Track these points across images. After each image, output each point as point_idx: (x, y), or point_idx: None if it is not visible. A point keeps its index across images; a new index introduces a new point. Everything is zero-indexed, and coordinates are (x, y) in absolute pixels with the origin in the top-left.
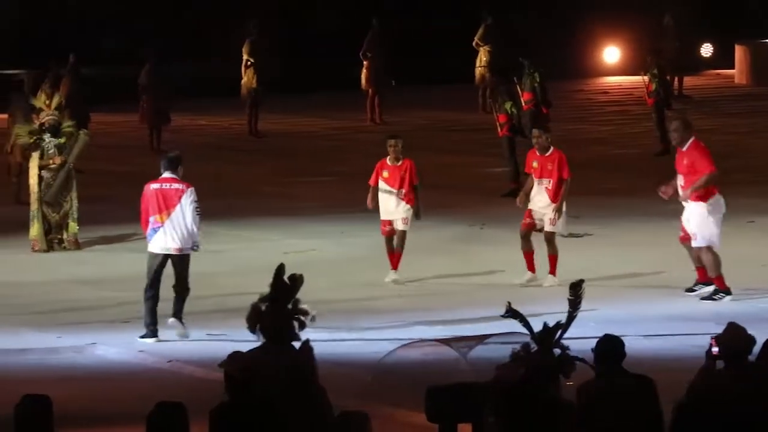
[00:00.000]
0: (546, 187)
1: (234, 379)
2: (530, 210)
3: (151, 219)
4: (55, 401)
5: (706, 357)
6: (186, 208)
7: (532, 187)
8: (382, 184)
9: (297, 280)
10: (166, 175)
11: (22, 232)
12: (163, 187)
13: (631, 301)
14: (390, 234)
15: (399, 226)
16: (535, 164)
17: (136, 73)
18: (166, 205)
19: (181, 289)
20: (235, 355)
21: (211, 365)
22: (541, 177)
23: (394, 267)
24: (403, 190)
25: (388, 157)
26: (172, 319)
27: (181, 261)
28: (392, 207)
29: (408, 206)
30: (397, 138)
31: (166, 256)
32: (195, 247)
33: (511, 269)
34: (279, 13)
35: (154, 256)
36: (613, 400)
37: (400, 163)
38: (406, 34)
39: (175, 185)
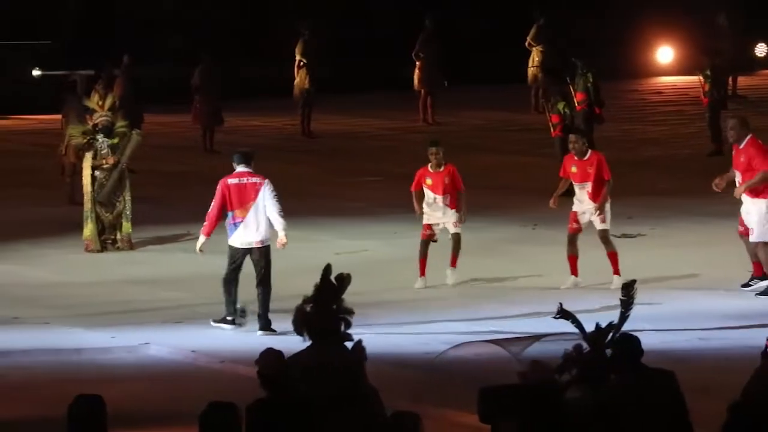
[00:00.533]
0: (587, 191)
1: (267, 377)
2: (576, 213)
3: (230, 214)
4: (109, 401)
5: (762, 357)
6: (267, 200)
7: (564, 190)
8: (426, 192)
9: (344, 280)
10: (241, 169)
11: (76, 233)
12: (241, 181)
13: (686, 301)
14: (429, 238)
15: (451, 229)
16: (574, 169)
17: (190, 73)
18: (246, 199)
19: (265, 284)
20: (268, 352)
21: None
22: (582, 181)
23: (422, 273)
24: (448, 196)
25: (430, 164)
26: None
27: (262, 254)
28: (438, 214)
29: (454, 211)
30: (438, 145)
31: (247, 250)
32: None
33: (564, 270)
34: (332, 12)
35: (235, 250)
36: (636, 397)
37: (442, 169)
38: (459, 33)
39: (252, 179)
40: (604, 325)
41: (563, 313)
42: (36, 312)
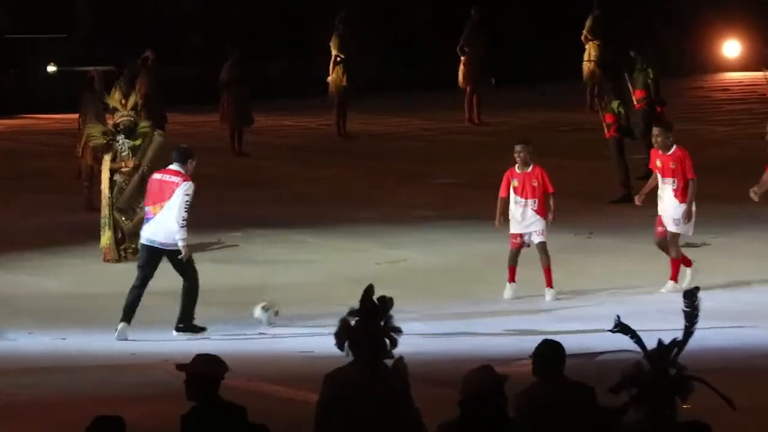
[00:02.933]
0: (672, 188)
1: (203, 377)
2: (660, 217)
3: (147, 209)
4: (129, 423)
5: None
6: (175, 203)
7: (654, 187)
8: (512, 195)
9: (387, 303)
10: (172, 166)
11: (93, 241)
12: (164, 178)
13: (755, 316)
14: (519, 246)
15: (535, 239)
16: (658, 163)
17: (217, 70)
18: (161, 197)
19: (185, 289)
20: (200, 355)
21: (297, 383)
22: (663, 177)
23: (512, 279)
24: (536, 200)
25: (516, 165)
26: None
27: (173, 258)
28: (525, 220)
29: (540, 218)
30: (525, 143)
31: (152, 249)
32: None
33: (622, 280)
34: (370, 6)
35: (141, 246)
36: (555, 407)
37: (529, 169)
38: (507, 26)
39: (174, 178)
40: (667, 340)
41: (621, 327)
42: (50, 326)
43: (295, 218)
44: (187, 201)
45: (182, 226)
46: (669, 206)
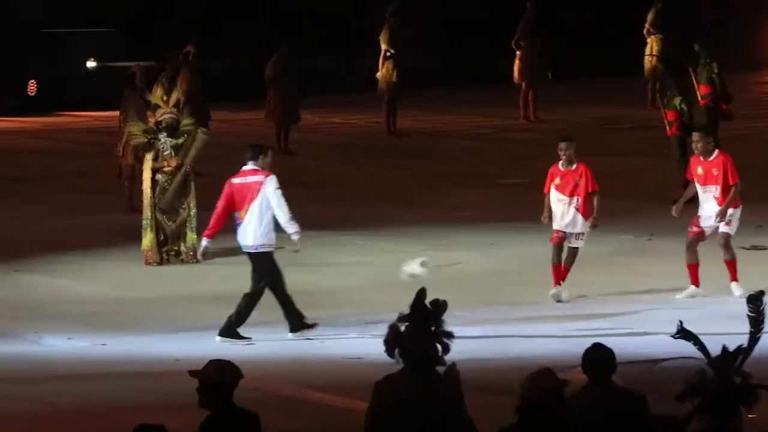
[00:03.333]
0: (714, 195)
1: (216, 384)
2: (698, 217)
3: (236, 215)
4: (172, 431)
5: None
6: (271, 199)
7: (692, 196)
8: (554, 192)
9: (440, 307)
10: (246, 167)
11: (135, 243)
12: (245, 180)
13: None
14: (559, 241)
15: (572, 242)
16: (699, 170)
17: (263, 65)
18: (246, 198)
19: (249, 294)
20: (212, 362)
21: (346, 391)
22: (705, 184)
23: (557, 282)
24: (578, 199)
25: (561, 162)
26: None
27: (254, 262)
28: (566, 218)
29: (583, 220)
30: (569, 141)
31: (247, 254)
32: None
33: (680, 284)
34: None
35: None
36: (603, 414)
37: (573, 167)
38: (563, 20)
39: (255, 177)
40: (732, 347)
41: (684, 334)
42: (91, 331)
43: (342, 219)
44: (280, 193)
45: (290, 219)
46: (713, 214)
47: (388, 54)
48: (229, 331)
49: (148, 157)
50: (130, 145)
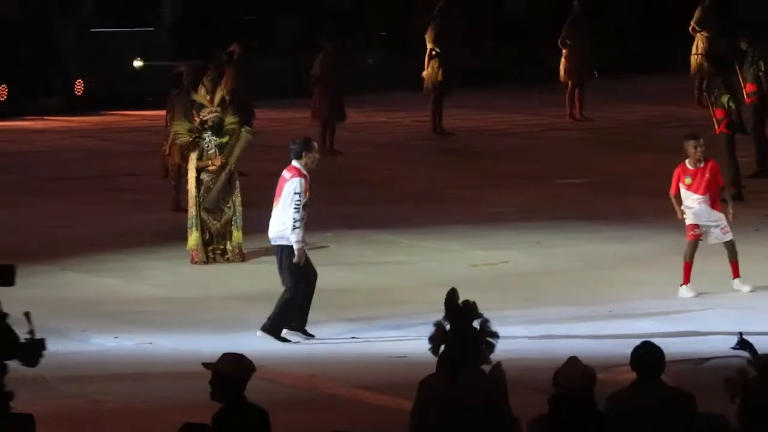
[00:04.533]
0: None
1: (228, 377)
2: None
3: None
4: None
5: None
6: (284, 199)
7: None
8: (685, 192)
9: (471, 307)
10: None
11: (181, 242)
12: (283, 175)
13: None
14: (696, 238)
15: (720, 236)
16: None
17: (309, 63)
18: (277, 192)
19: (284, 290)
20: (227, 354)
21: (392, 390)
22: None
23: (686, 281)
24: (710, 195)
25: (688, 160)
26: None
27: (277, 254)
28: (702, 215)
29: (719, 214)
30: (699, 137)
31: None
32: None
33: (726, 282)
34: None
35: None
36: (652, 412)
37: (703, 164)
38: (610, 17)
39: (286, 173)
40: None
41: (743, 344)
42: (137, 330)
43: (387, 218)
44: (296, 199)
45: (294, 227)
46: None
47: (434, 53)
48: (275, 329)
49: (193, 157)
50: (177, 145)
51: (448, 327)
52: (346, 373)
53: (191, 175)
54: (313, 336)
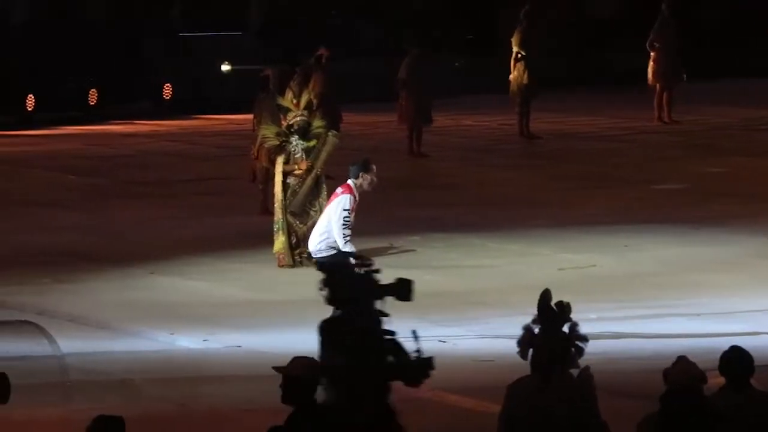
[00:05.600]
0: None
1: (299, 380)
2: None
3: None
4: None
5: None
6: (331, 213)
7: None
8: None
9: (565, 309)
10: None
11: (268, 246)
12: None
13: None
14: None
15: None
16: None
17: (395, 66)
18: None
19: None
20: (298, 358)
21: (479, 394)
22: None
23: None
24: None
25: None
26: None
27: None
28: None
29: None
30: None
31: None
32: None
33: None
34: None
35: None
36: (741, 416)
37: None
38: (698, 19)
39: (338, 189)
40: None
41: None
42: (225, 333)
43: (474, 222)
44: (344, 215)
45: (345, 242)
46: None
47: (519, 56)
48: None
49: (280, 160)
50: (264, 148)
51: (536, 330)
52: (433, 377)
53: (278, 179)
54: None
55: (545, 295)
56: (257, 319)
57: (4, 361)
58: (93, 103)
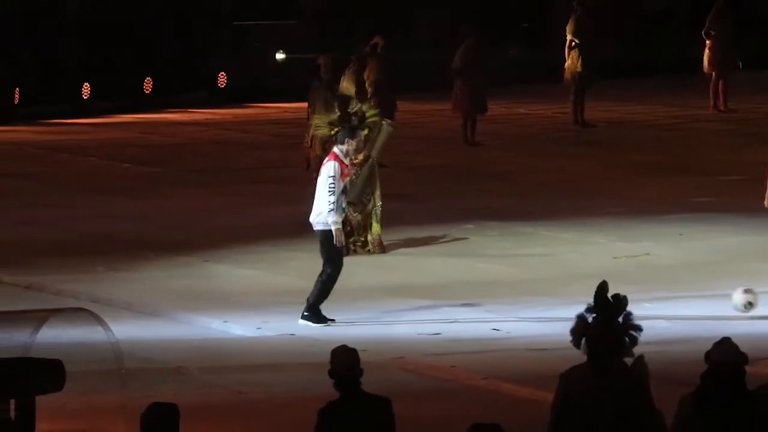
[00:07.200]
0: None
1: (342, 378)
2: None
3: None
4: None
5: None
6: (320, 182)
7: None
8: None
9: (621, 301)
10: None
11: None
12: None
13: None
14: None
15: None
16: None
17: (450, 55)
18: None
19: (320, 273)
20: (341, 351)
21: (532, 382)
22: None
23: None
24: None
25: None
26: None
27: (317, 238)
28: None
29: None
30: None
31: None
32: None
33: None
34: None
35: None
36: None
37: None
38: (755, 7)
39: (326, 158)
40: None
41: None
42: (278, 321)
43: (528, 210)
44: (329, 182)
45: (330, 209)
46: None
47: (574, 44)
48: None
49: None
50: (317, 137)
51: (589, 320)
52: (487, 365)
53: None
54: (333, 320)
55: (602, 287)
56: (298, 307)
57: (60, 349)
58: (148, 92)
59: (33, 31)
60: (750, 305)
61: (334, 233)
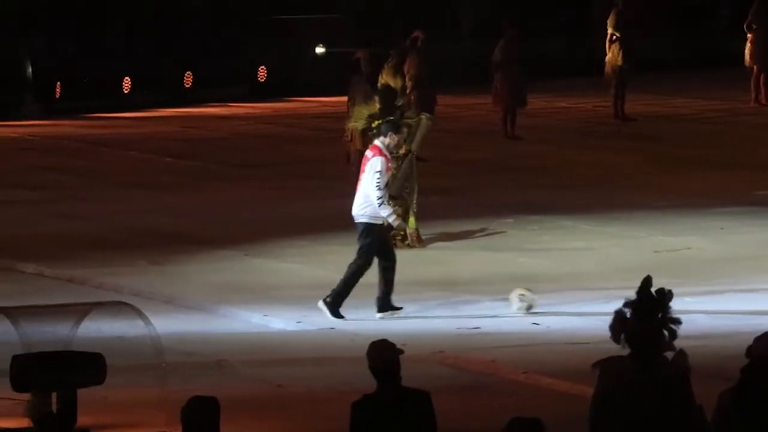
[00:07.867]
0: None
1: (382, 371)
2: None
3: None
4: None
5: None
6: (365, 175)
7: None
8: None
9: (665, 296)
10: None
11: None
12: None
13: None
14: None
15: None
16: None
17: (491, 49)
18: (361, 170)
19: (351, 265)
20: (379, 345)
21: (572, 376)
22: None
23: None
24: None
25: None
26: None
27: (357, 231)
28: None
29: None
30: None
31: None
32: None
33: None
34: None
35: None
36: None
37: None
38: None
39: (368, 152)
40: None
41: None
42: (318, 315)
43: (567, 204)
44: (377, 177)
45: (380, 204)
46: None
47: (614, 37)
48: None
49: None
50: (357, 131)
51: (628, 315)
52: (527, 359)
53: None
54: (401, 308)
55: (647, 282)
56: (350, 300)
57: (101, 342)
58: (188, 86)
59: (74, 25)
60: (529, 307)
61: (393, 224)
